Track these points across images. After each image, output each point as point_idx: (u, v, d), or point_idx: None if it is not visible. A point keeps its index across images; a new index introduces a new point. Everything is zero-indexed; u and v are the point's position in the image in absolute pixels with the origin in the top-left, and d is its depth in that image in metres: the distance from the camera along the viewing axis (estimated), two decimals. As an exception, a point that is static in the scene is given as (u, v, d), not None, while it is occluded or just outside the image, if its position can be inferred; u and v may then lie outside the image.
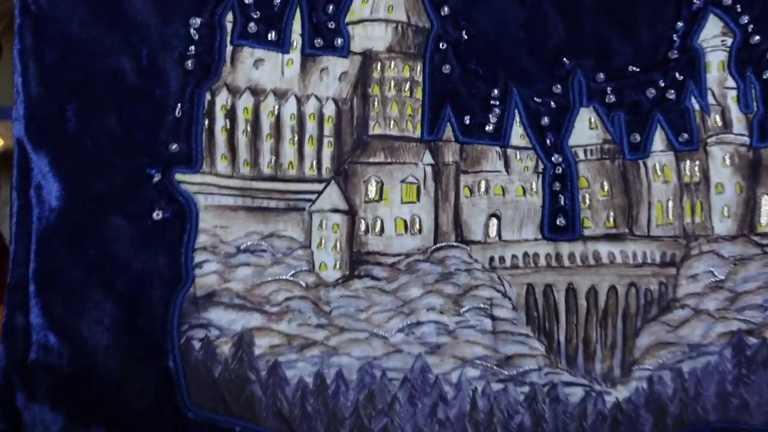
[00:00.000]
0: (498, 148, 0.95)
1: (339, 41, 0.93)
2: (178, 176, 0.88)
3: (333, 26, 0.93)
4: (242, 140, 0.91)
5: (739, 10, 0.96)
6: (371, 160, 0.92)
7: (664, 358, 0.94)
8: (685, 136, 0.96)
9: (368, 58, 0.94)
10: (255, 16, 0.91)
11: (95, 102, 0.87)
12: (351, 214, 0.92)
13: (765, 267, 0.96)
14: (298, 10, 0.92)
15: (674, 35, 0.98)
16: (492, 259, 0.94)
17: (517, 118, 0.96)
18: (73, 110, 0.87)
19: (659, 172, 0.96)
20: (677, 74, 0.97)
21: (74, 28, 0.87)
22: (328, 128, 0.92)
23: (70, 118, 0.86)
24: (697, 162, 0.97)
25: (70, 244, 0.86)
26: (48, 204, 0.85)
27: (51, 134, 0.86)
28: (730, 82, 0.97)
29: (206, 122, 0.89)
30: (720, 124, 0.97)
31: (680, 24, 0.98)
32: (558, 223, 0.95)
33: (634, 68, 0.97)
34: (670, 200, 0.96)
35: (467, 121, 0.95)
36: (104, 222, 0.86)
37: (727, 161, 0.96)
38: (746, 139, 0.96)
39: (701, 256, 0.95)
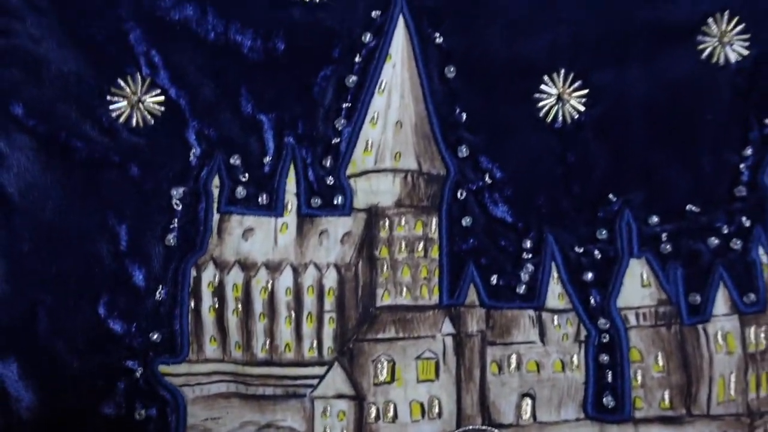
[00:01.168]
0: (532, 312, 0.81)
1: (340, 198, 0.81)
2: (162, 368, 0.78)
3: (332, 182, 0.81)
4: (233, 321, 0.80)
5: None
6: (380, 336, 0.80)
7: None
8: (752, 296, 0.80)
9: (374, 215, 0.81)
10: (243, 179, 0.80)
11: (69, 297, 0.78)
12: (358, 399, 0.79)
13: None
14: (291, 167, 0.81)
15: (741, 165, 0.82)
16: (527, 443, 0.80)
17: (555, 274, 0.82)
18: (44, 309, 0.78)
19: (721, 342, 0.80)
20: (744, 218, 0.81)
21: (47, 216, 0.79)
22: (329, 302, 0.80)
23: (41, 319, 0.78)
24: (764, 327, 0.80)
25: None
26: (17, 416, 0.77)
27: (20, 339, 0.78)
28: (803, 229, 0.81)
29: (192, 303, 0.79)
30: (791, 280, 0.81)
31: (749, 151, 0.82)
32: (605, 402, 0.80)
33: (693, 208, 0.82)
34: (733, 374, 0.80)
35: (494, 281, 0.81)
36: (81, 428, 0.77)
37: (796, 324, 0.80)
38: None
39: None
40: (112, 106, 0.80)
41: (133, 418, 0.77)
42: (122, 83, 0.80)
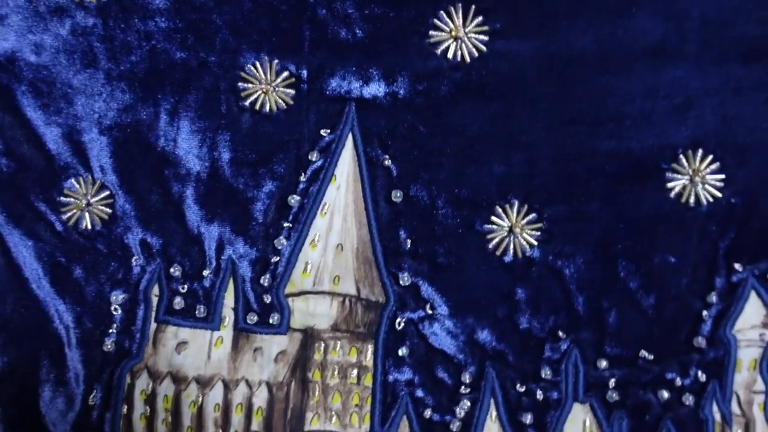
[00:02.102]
0: (465, 451, 0.78)
1: (276, 317, 0.79)
2: (90, 474, 0.80)
3: (270, 299, 0.80)
4: (161, 430, 0.81)
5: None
6: (305, 462, 0.79)
7: None
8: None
9: (310, 336, 0.80)
10: (182, 290, 0.80)
11: (11, 388, 0.80)
12: None
13: None
14: (231, 282, 0.81)
15: (704, 312, 0.76)
16: None
17: (493, 412, 0.79)
18: None
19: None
20: (700, 372, 0.76)
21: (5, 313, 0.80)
22: (257, 422, 0.79)
23: None
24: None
25: None
26: None
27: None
28: (759, 385, 0.75)
29: (125, 409, 0.80)
30: (742, 441, 0.75)
31: (714, 298, 0.76)
32: None
33: (647, 354, 0.77)
34: None
35: (428, 415, 0.78)
36: None
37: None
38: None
39: None
40: (63, 208, 0.82)
41: None
42: (75, 184, 0.82)
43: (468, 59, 0.78)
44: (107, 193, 0.81)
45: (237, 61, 0.79)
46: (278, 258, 0.80)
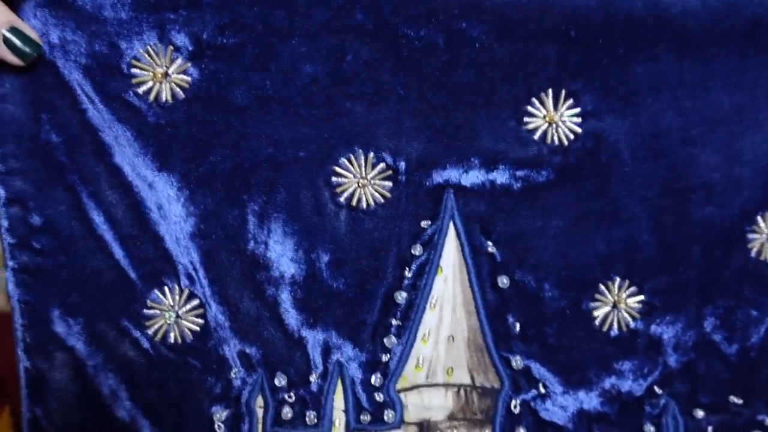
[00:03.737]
0: None
1: (390, 414, 0.78)
2: None
3: (381, 398, 0.79)
4: None
5: None
6: None
7: None
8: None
9: (426, 428, 0.79)
10: (289, 399, 0.77)
11: None
12: None
13: None
14: (339, 384, 0.79)
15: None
16: None
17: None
18: None
19: None
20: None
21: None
22: None
23: None
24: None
25: None
26: None
27: None
28: None
29: None
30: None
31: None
32: None
33: (737, 399, 0.82)
34: None
35: (546, 488, 0.81)
36: None
37: None
38: None
39: None
40: (148, 322, 0.76)
41: None
42: (159, 295, 0.76)
43: (565, 142, 0.79)
44: (197, 302, 0.76)
45: (331, 154, 0.76)
46: (388, 356, 0.78)
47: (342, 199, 0.76)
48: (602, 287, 0.80)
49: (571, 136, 0.78)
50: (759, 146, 0.81)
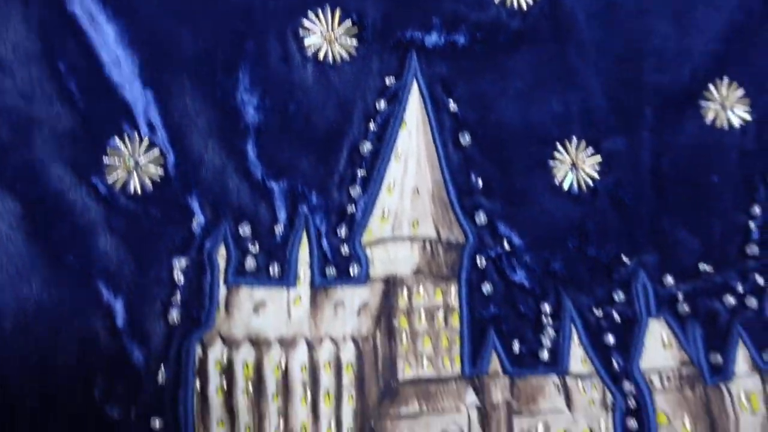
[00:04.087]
0: (556, 379, 0.79)
1: (355, 268, 0.77)
2: (165, 457, 0.72)
3: (347, 251, 0.78)
4: (242, 401, 0.74)
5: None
6: (403, 411, 0.75)
7: None
8: (771, 354, 0.81)
9: (392, 284, 0.78)
10: (253, 250, 0.76)
11: (60, 380, 0.70)
12: (383, 481, 0.75)
13: None
14: (304, 236, 0.78)
15: (751, 223, 0.84)
16: None
17: (576, 338, 0.81)
18: (35, 393, 0.70)
19: (745, 402, 0.79)
20: (757, 276, 0.82)
21: (33, 290, 0.71)
22: (348, 377, 0.75)
23: (30, 402, 0.70)
24: (786, 383, 0.81)
25: None
26: None
27: (4, 428, 0.70)
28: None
29: (197, 384, 0.74)
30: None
31: (757, 210, 0.84)
32: (634, 468, 0.78)
33: (707, 267, 0.83)
34: (759, 434, 0.80)
35: (517, 348, 0.78)
36: None
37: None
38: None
39: None
40: (108, 169, 0.75)
41: None
42: (118, 142, 0.76)
43: (524, 7, 0.82)
44: (156, 152, 0.76)
45: (299, 8, 0.79)
46: (354, 208, 0.78)
47: (309, 54, 0.79)
48: (560, 146, 0.82)
49: (530, 1, 0.83)
50: (710, 15, 0.85)
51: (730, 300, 0.82)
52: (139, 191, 0.75)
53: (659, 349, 0.80)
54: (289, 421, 0.74)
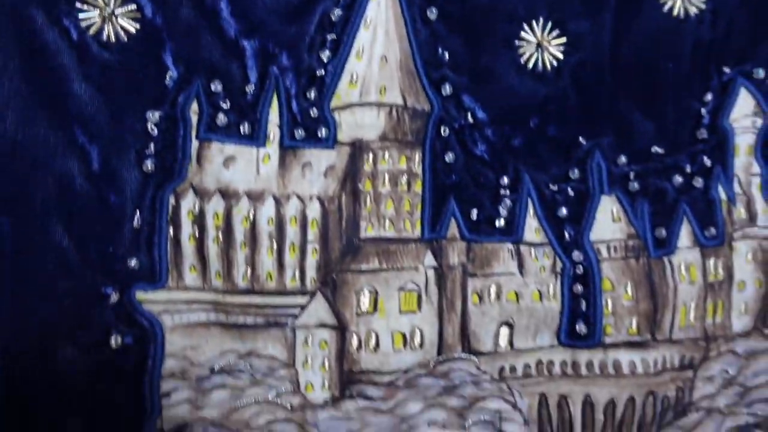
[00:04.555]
0: (510, 246, 0.83)
1: (323, 131, 0.80)
2: (140, 295, 0.75)
3: (316, 114, 0.81)
4: (213, 249, 0.78)
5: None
6: (363, 267, 0.80)
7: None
8: (712, 230, 0.85)
9: (358, 148, 0.81)
10: (224, 106, 0.79)
11: (37, 215, 0.74)
12: (341, 329, 0.79)
13: (776, 361, 0.86)
14: (274, 97, 0.80)
15: (703, 110, 0.88)
16: (502, 369, 0.82)
17: (531, 210, 0.85)
18: (9, 224, 0.74)
19: (684, 272, 0.85)
20: (705, 159, 0.87)
21: (8, 129, 0.75)
22: (313, 233, 0.80)
23: (5, 235, 0.74)
24: (722, 259, 0.86)
25: (14, 381, 0.74)
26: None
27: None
28: (755, 168, 0.87)
29: (171, 230, 0.77)
30: (745, 216, 0.87)
31: (709, 97, 0.88)
32: (578, 330, 0.83)
33: (659, 149, 0.87)
34: (694, 302, 0.85)
35: (474, 216, 0.83)
36: (54, 355, 0.73)
37: (750, 257, 0.86)
38: (768, 232, 0.88)
39: (719, 357, 0.86)
40: (81, 15, 0.76)
41: (109, 346, 0.75)
42: (95, -5, 0.77)
43: None
44: (133, 6, 0.77)
45: None
46: (323, 71, 0.81)
47: None
48: (527, 26, 0.84)
49: None
50: None
51: (678, 179, 0.86)
52: (113, 39, 0.77)
53: (609, 222, 0.85)
54: (256, 269, 0.79)
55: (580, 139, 0.86)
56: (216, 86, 0.79)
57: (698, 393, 0.85)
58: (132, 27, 0.77)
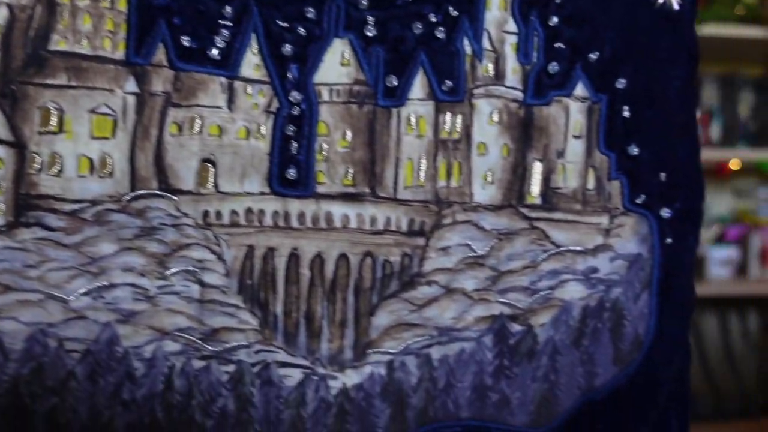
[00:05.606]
0: (223, 79, 0.78)
1: None
2: None
3: None
4: None
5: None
6: (49, 81, 0.74)
7: (408, 341, 0.81)
8: (450, 83, 0.80)
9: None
10: None
11: None
12: (19, 147, 0.74)
13: (533, 244, 0.82)
14: None
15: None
16: (207, 213, 0.77)
17: (255, 45, 0.79)
18: None
19: (413, 125, 0.80)
20: (451, 8, 0.80)
21: None
22: (-7, 39, 0.74)
23: None
24: (460, 116, 0.81)
25: None
26: None
27: None
28: (511, 26, 0.81)
29: None
30: (492, 73, 0.82)
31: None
32: (288, 175, 0.79)
33: (401, -5, 0.80)
34: (423, 158, 0.81)
35: (186, 43, 0.76)
36: None
37: (495, 118, 0.81)
38: (519, 94, 0.82)
39: (455, 227, 0.81)
40: None
41: None
42: None
43: None
44: None
45: None
46: None
47: None
48: None
49: None
50: None
51: (419, 27, 0.81)
52: None
53: (336, 65, 0.79)
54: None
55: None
56: None
57: (430, 265, 0.82)
58: None
